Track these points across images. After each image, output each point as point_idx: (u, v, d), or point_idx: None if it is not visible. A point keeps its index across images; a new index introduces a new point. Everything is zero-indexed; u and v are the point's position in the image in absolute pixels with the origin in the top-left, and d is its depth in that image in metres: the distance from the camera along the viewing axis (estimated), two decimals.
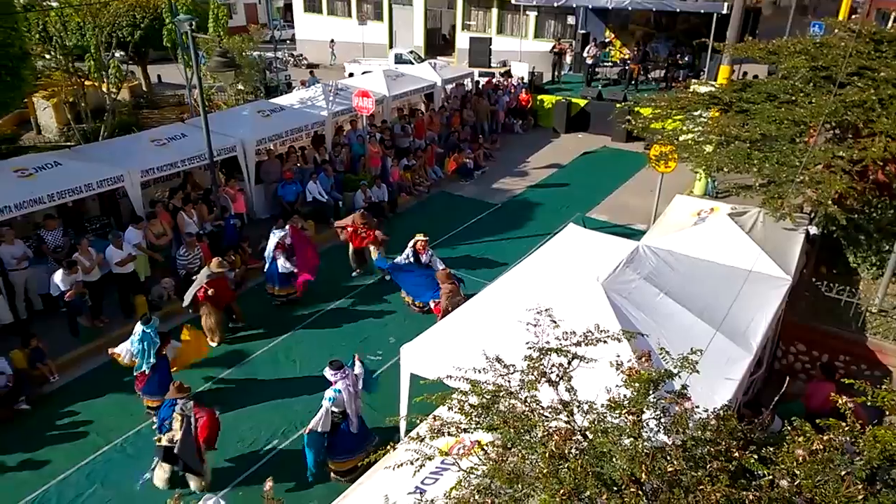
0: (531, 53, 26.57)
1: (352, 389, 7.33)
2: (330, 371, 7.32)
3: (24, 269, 10.44)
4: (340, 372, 7.29)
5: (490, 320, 6.66)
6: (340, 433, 7.46)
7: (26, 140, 19.46)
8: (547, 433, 3.48)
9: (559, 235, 8.66)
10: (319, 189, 14.59)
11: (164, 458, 7.52)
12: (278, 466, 8.06)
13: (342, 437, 7.47)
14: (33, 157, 11.54)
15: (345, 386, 7.28)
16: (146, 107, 22.93)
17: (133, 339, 8.56)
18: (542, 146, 20.75)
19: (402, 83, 19.04)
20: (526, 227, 14.96)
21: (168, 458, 7.52)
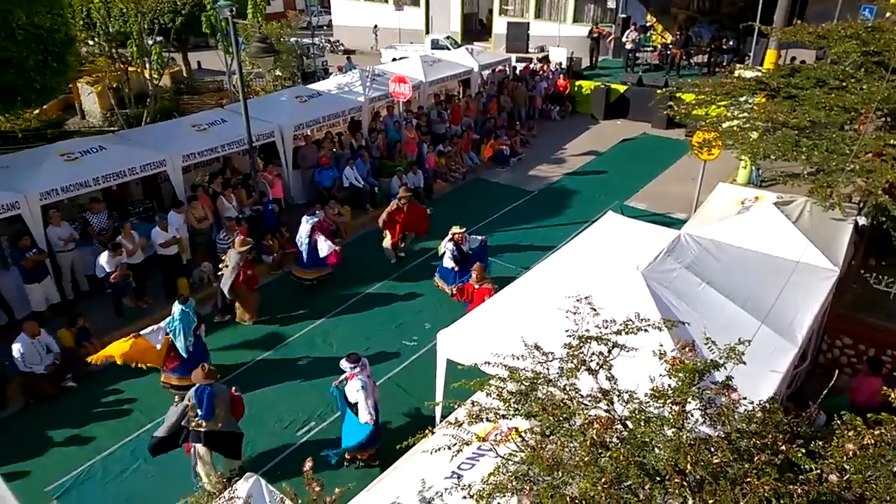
0: (569, 38, 26.20)
1: (370, 381, 7.45)
2: (349, 364, 7.39)
3: (70, 250, 10.74)
4: (359, 364, 7.38)
5: (528, 307, 6.61)
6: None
7: (71, 125, 19.98)
8: (587, 421, 3.43)
9: (598, 223, 8.53)
10: (356, 175, 14.65)
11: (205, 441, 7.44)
12: (316, 447, 8.16)
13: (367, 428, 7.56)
14: (79, 142, 11.81)
15: (366, 376, 7.39)
16: (186, 93, 23.31)
17: (170, 318, 8.71)
18: (579, 133, 20.48)
19: (438, 69, 18.95)
20: (562, 214, 14.81)
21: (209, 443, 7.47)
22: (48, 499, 7.54)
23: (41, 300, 10.38)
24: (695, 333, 5.55)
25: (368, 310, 11.20)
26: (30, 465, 8.00)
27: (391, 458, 6.12)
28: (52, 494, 7.62)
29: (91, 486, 7.77)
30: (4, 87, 10.40)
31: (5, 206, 9.83)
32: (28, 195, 10.06)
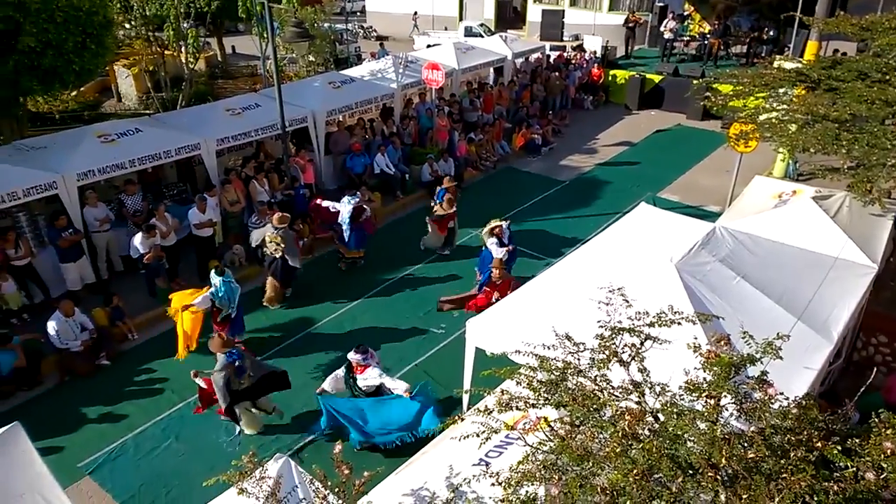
0: (605, 27, 25.81)
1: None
2: (358, 356, 7.47)
3: (106, 231, 10.95)
4: (367, 354, 7.48)
5: (558, 297, 6.57)
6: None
7: (107, 107, 20.34)
8: (618, 413, 3.39)
9: (631, 214, 8.42)
10: (387, 161, 14.67)
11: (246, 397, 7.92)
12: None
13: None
14: (115, 124, 12.01)
15: (376, 364, 7.52)
16: (221, 77, 23.54)
17: (214, 290, 9.07)
18: (612, 123, 20.22)
19: (471, 56, 18.83)
20: (594, 205, 14.65)
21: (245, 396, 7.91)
22: (81, 474, 7.72)
23: (76, 279, 10.62)
24: (728, 327, 5.46)
25: (398, 296, 11.24)
26: (64, 441, 8.20)
27: (418, 443, 6.17)
28: (84, 470, 7.80)
29: (123, 463, 7.94)
30: (44, 69, 10.59)
31: (43, 186, 10.04)
32: (65, 175, 10.27)
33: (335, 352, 9.80)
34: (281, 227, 10.33)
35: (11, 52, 10.12)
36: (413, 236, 12.78)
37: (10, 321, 10.01)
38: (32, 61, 10.36)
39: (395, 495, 4.75)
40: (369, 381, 7.53)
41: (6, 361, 8.84)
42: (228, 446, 8.13)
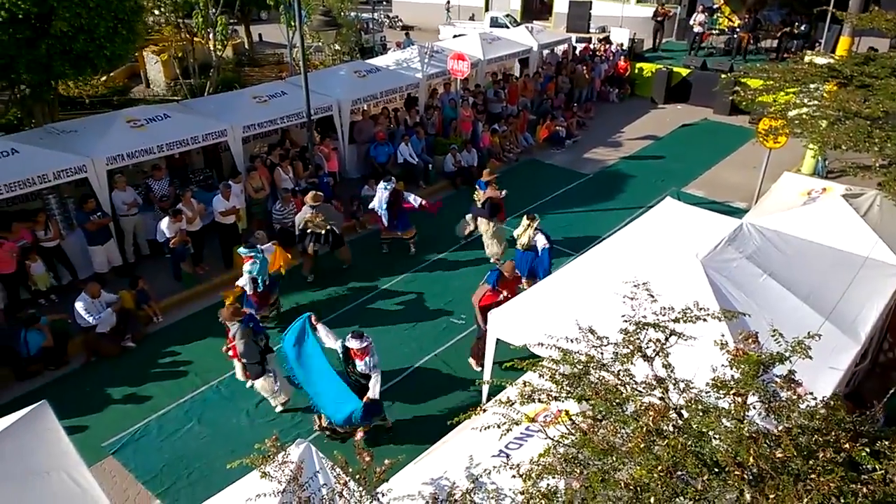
0: (633, 19, 25.48)
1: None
2: (356, 342, 7.32)
3: (133, 214, 11.10)
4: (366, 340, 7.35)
5: (582, 291, 6.53)
6: None
7: (136, 93, 20.56)
8: (643, 408, 3.37)
9: (656, 209, 8.33)
10: (410, 151, 14.67)
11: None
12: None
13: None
14: (145, 109, 12.15)
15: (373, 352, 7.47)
16: (247, 64, 23.68)
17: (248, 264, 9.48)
18: (638, 116, 20.00)
19: (497, 47, 18.71)
20: (617, 199, 14.53)
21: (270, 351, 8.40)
22: (105, 453, 7.87)
23: (104, 262, 10.79)
24: (753, 325, 5.39)
25: (420, 286, 11.25)
26: (88, 421, 8.35)
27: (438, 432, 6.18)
28: (108, 449, 7.95)
29: (146, 444, 8.08)
30: (76, 54, 10.74)
31: (73, 170, 10.20)
32: (95, 159, 10.42)
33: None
34: (316, 205, 10.51)
35: (44, 37, 10.28)
36: (435, 226, 12.78)
37: (38, 301, 10.22)
38: (64, 46, 10.51)
39: (414, 483, 4.77)
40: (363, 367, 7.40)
41: (34, 341, 9.02)
42: (249, 430, 8.23)
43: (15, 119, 14.72)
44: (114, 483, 7.48)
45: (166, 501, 7.32)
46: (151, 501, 7.35)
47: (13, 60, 10.38)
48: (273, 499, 4.19)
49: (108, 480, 7.49)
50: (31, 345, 8.98)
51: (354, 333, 7.43)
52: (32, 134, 11.01)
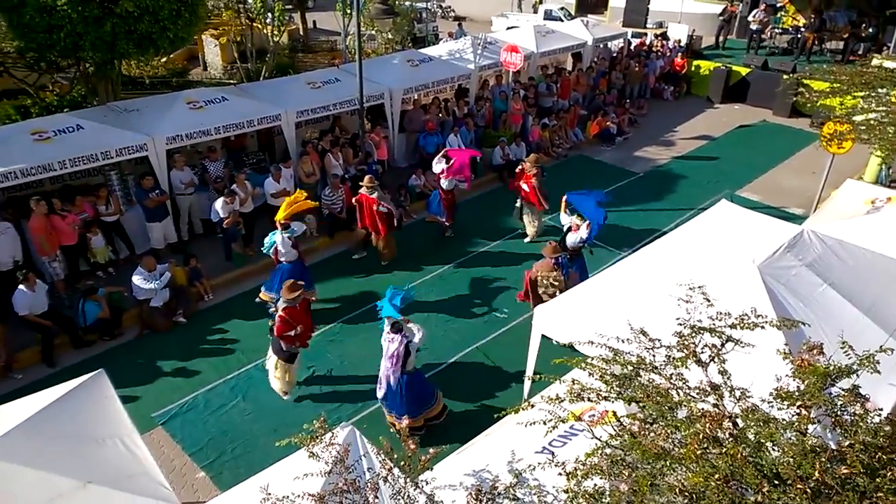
0: (692, 15, 24.83)
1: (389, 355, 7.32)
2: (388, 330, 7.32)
3: (189, 194, 11.41)
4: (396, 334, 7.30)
5: (632, 291, 6.43)
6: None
7: (194, 75, 21.03)
8: (699, 414, 3.31)
9: (711, 210, 8.12)
10: (459, 142, 14.62)
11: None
12: None
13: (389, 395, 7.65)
14: (203, 91, 12.43)
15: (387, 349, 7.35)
16: (301, 51, 23.95)
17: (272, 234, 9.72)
18: (693, 115, 19.52)
19: (551, 40, 18.49)
20: (668, 199, 14.24)
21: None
22: (154, 424, 8.13)
23: (160, 238, 11.12)
24: (812, 336, 5.23)
25: (463, 277, 11.25)
26: (140, 391, 8.63)
27: (479, 424, 6.20)
28: (157, 420, 8.22)
29: (193, 417, 8.32)
30: (140, 34, 11.04)
31: (134, 147, 10.52)
32: (155, 138, 10.72)
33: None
34: (372, 185, 10.72)
35: (111, 16, 10.58)
36: (482, 217, 12.77)
37: (96, 274, 10.60)
38: (129, 26, 10.81)
39: (456, 474, 4.80)
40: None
41: (91, 311, 9.37)
42: (291, 410, 8.39)
43: (79, 96, 15.23)
44: (161, 453, 7.71)
45: (210, 474, 7.53)
46: (196, 473, 7.57)
47: (80, 38, 10.72)
48: (319, 479, 4.26)
49: (157, 450, 7.73)
50: (88, 315, 9.32)
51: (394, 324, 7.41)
52: (97, 111, 11.39)
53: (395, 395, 7.54)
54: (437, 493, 4.23)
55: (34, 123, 10.59)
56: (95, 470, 4.94)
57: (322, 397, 8.64)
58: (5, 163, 9.45)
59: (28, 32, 10.89)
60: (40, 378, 8.77)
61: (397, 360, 7.30)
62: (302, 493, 4.00)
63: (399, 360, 7.31)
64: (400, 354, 7.27)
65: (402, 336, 7.29)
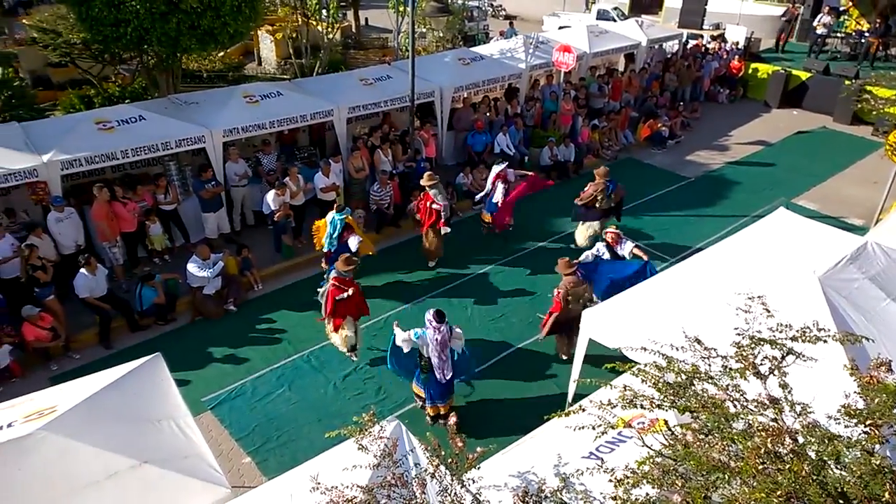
0: (751, 17, 24.19)
1: (438, 344, 7.37)
2: (431, 318, 7.41)
3: (243, 186, 11.67)
4: (439, 323, 7.36)
5: (686, 297, 6.31)
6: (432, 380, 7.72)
7: (249, 69, 21.46)
8: (759, 428, 3.23)
9: (769, 218, 7.91)
10: (508, 142, 14.60)
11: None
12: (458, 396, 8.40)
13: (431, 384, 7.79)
14: (259, 86, 12.67)
15: (433, 336, 7.37)
16: (353, 47, 24.20)
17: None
18: (748, 120, 19.01)
19: (604, 40, 18.24)
20: (720, 205, 13.91)
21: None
22: (203, 408, 8.35)
23: (214, 228, 11.41)
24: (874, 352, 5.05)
25: (509, 277, 11.23)
26: (190, 376, 8.86)
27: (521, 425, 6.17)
28: (207, 405, 8.44)
29: (240, 403, 8.52)
30: (202, 30, 11.35)
31: (193, 139, 10.82)
32: (213, 131, 11.00)
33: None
34: (432, 183, 10.85)
35: (175, 12, 10.91)
36: (526, 218, 12.69)
37: (153, 260, 10.95)
38: (193, 21, 11.12)
39: (502, 474, 4.79)
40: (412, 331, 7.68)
41: (148, 297, 9.68)
42: (335, 401, 8.53)
43: (140, 88, 15.72)
44: (210, 437, 7.86)
45: (256, 459, 7.70)
46: (242, 458, 7.75)
47: (146, 33, 11.08)
48: (367, 471, 4.31)
49: (205, 434, 7.73)
50: (144, 300, 9.64)
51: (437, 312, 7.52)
52: (158, 103, 11.75)
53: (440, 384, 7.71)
54: (482, 492, 4.23)
55: (98, 113, 10.99)
56: (151, 450, 5.11)
57: (365, 390, 8.75)
58: (70, 150, 9.84)
59: (96, 25, 11.31)
60: (96, 359, 9.13)
61: (444, 347, 7.43)
62: (351, 484, 4.05)
63: (446, 348, 7.45)
64: (446, 341, 7.42)
65: (447, 326, 7.44)
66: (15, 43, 19.02)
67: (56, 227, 9.66)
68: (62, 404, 5.23)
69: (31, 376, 8.78)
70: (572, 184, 14.04)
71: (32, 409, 5.25)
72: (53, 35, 15.03)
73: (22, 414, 5.18)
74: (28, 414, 5.16)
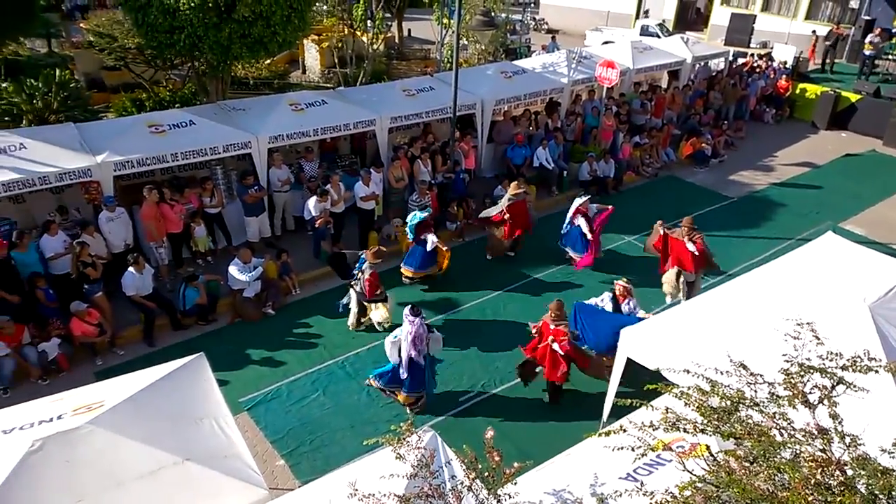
0: (800, 36, 23.77)
1: (413, 336, 7.89)
2: (408, 313, 7.96)
3: (286, 191, 11.87)
4: (416, 317, 7.91)
5: (729, 320, 6.20)
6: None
7: (293, 77, 21.87)
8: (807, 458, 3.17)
9: (816, 242, 7.75)
10: (547, 156, 14.57)
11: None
12: (488, 410, 8.41)
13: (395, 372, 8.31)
14: (304, 94, 12.91)
15: (408, 329, 7.89)
16: (395, 58, 24.47)
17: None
18: (794, 141, 18.62)
19: (648, 56, 18.10)
20: (763, 227, 13.64)
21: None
22: (240, 409, 8.46)
23: (256, 232, 11.62)
24: None
25: (541, 293, 11.13)
26: (228, 376, 8.98)
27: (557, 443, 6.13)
28: (244, 405, 8.58)
29: (276, 406, 8.64)
30: (253, 38, 11.65)
31: (240, 145, 11.08)
32: (259, 137, 11.24)
33: (474, 338, 9.94)
34: (517, 192, 11.37)
35: (228, 22, 11.21)
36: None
37: (196, 261, 11.20)
38: (244, 30, 11.42)
39: (537, 491, 4.77)
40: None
41: (191, 297, 9.90)
42: (367, 409, 8.59)
43: (190, 93, 16.15)
44: (246, 437, 7.84)
45: (290, 462, 7.80)
46: (276, 460, 7.85)
47: (199, 40, 11.41)
48: (403, 480, 4.34)
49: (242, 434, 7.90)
50: (187, 300, 9.86)
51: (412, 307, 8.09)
52: (207, 109, 12.06)
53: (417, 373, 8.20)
54: None
55: (151, 116, 11.35)
56: (193, 448, 5.22)
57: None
58: (123, 152, 10.16)
59: (151, 31, 11.68)
60: (140, 356, 9.36)
61: (420, 341, 7.99)
62: (388, 492, 4.08)
63: (422, 342, 8.01)
64: (421, 335, 7.96)
65: (421, 319, 7.99)
66: (72, 46, 19.77)
67: (107, 227, 9.96)
68: (109, 399, 5.39)
69: (77, 370, 9.04)
70: (611, 200, 13.93)
71: (80, 403, 5.42)
72: (109, 39, 15.57)
73: (71, 407, 5.35)
74: (77, 407, 5.33)
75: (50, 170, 9.57)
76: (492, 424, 7.86)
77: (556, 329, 8.10)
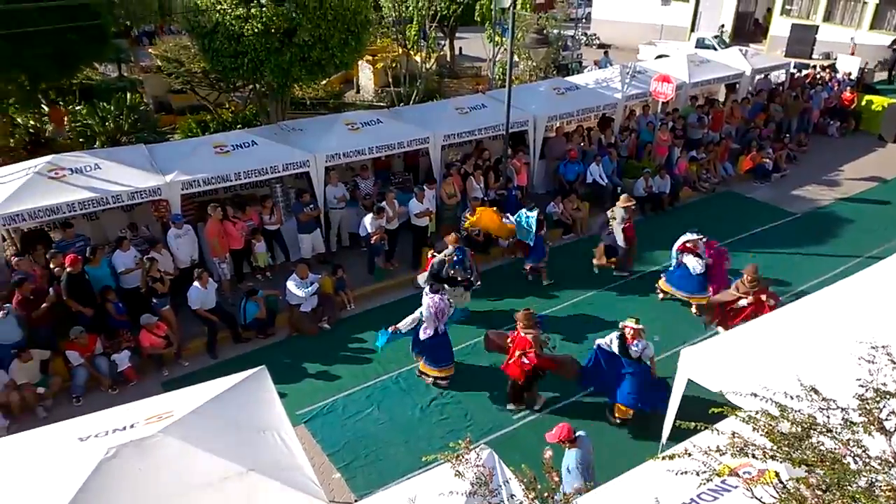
0: (866, 47, 22.96)
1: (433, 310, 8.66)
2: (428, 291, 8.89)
3: (341, 208, 12.13)
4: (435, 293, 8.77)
5: (796, 342, 6.01)
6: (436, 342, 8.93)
7: (348, 97, 22.38)
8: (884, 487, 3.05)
9: (888, 261, 7.44)
10: (601, 172, 14.45)
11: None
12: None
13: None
14: (360, 114, 13.22)
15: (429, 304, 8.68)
16: (447, 76, 24.76)
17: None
18: (861, 154, 17.94)
19: (705, 70, 17.77)
20: (829, 244, 13.16)
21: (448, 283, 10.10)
22: (298, 421, 8.57)
23: (309, 249, 11.87)
24: None
25: (597, 310, 11.03)
26: (286, 389, 9.12)
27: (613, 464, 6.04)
28: (301, 418, 8.72)
29: (332, 419, 8.77)
30: (312, 61, 12.05)
31: (298, 163, 11.41)
32: (317, 155, 11.55)
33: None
34: (628, 205, 11.72)
35: (289, 46, 11.62)
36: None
37: (255, 276, 11.53)
38: (304, 53, 11.83)
39: None
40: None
41: (251, 311, 10.19)
42: (420, 424, 8.63)
43: (251, 114, 16.72)
44: (304, 450, 8.15)
45: (346, 476, 7.89)
46: (333, 473, 7.95)
47: (261, 64, 11.85)
48: (461, 498, 4.35)
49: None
50: (248, 314, 10.15)
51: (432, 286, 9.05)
52: (268, 129, 12.48)
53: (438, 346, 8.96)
54: None
55: (216, 138, 11.81)
56: (256, 459, 5.36)
57: (451, 415, 8.80)
58: (190, 171, 10.61)
59: (217, 56, 12.19)
60: (203, 367, 9.68)
61: (442, 315, 8.74)
62: None
63: (444, 316, 8.78)
64: (442, 308, 8.71)
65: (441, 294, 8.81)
66: (141, 70, 20.75)
67: (175, 243, 10.38)
68: (178, 409, 5.59)
69: (145, 380, 9.42)
70: (667, 217, 13.74)
71: (151, 413, 5.64)
72: (176, 64, 16.30)
73: (142, 416, 5.57)
74: (148, 417, 5.55)
75: (123, 189, 10.06)
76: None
77: (522, 338, 8.25)
